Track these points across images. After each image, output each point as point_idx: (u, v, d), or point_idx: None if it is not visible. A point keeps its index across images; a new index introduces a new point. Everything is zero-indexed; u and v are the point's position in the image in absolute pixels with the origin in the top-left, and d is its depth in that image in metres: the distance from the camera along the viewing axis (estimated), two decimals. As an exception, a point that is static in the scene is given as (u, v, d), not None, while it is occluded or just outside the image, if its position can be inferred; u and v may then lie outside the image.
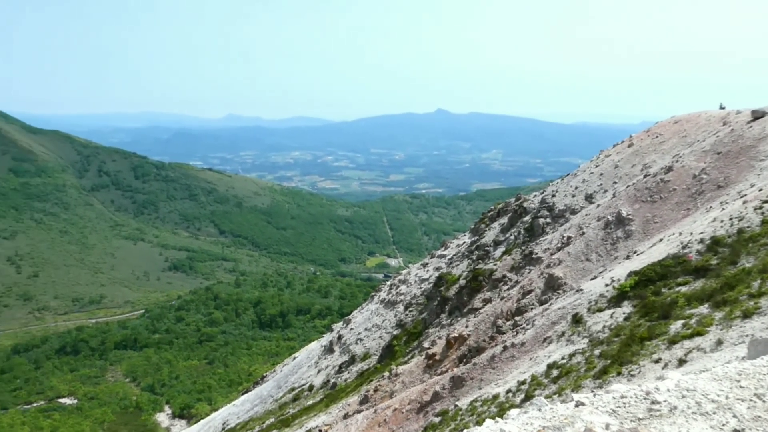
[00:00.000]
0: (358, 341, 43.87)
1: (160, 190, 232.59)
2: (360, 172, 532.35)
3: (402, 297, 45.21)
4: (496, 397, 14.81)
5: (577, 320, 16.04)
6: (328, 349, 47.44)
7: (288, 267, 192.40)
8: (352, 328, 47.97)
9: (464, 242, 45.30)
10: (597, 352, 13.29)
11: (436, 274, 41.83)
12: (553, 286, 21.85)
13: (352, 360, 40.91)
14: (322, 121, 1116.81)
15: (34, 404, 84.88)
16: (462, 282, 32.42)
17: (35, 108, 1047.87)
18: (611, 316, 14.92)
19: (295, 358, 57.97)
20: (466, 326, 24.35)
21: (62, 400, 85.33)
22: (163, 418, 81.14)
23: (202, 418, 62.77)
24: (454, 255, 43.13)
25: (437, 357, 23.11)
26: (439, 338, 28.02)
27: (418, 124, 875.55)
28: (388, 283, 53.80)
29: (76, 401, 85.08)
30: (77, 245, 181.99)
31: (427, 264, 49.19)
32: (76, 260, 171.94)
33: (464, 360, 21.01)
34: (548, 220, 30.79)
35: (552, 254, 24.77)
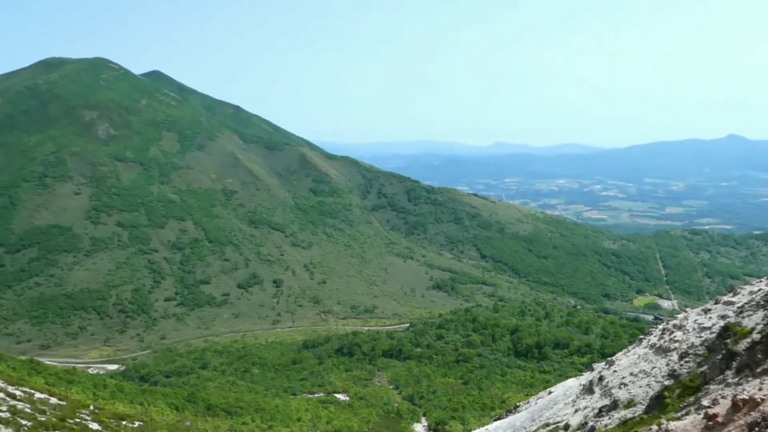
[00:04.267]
0: (622, 386, 40.85)
1: (429, 213, 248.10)
2: (631, 202, 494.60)
3: (676, 345, 40.80)
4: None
5: None
6: (588, 389, 45.08)
7: (547, 297, 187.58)
8: (615, 371, 44.88)
9: (760, 289, 39.04)
10: None
11: (721, 323, 36.83)
12: None
13: (614, 405, 38.27)
14: (591, 148, 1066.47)
15: (316, 395, 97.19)
16: (756, 336, 28.10)
17: (332, 137, 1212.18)
18: None
19: (550, 392, 56.24)
20: (760, 389, 21.16)
21: (338, 395, 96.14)
22: (419, 428, 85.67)
23: (456, 436, 64.74)
24: (746, 303, 37.43)
25: (719, 419, 20.55)
26: (723, 398, 24.74)
27: (704, 152, 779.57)
28: (660, 326, 48.97)
29: (348, 398, 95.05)
30: (357, 258, 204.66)
31: (709, 310, 43.59)
32: (356, 272, 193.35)
33: (755, 429, 18.36)
34: None
35: None
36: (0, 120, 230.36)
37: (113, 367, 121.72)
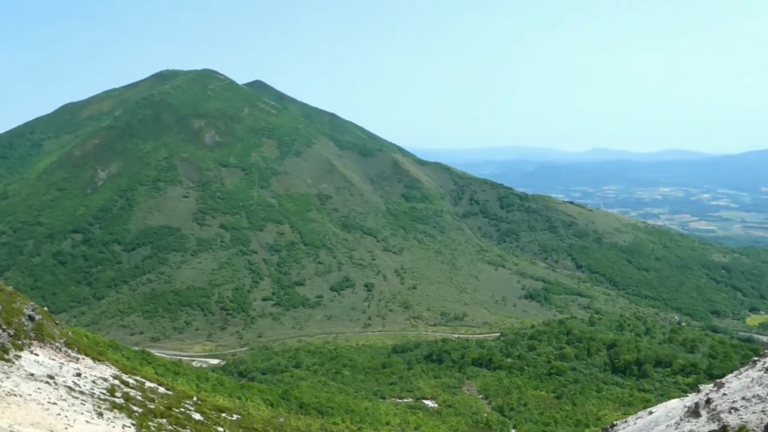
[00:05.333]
0: (733, 410, 38.06)
1: (522, 220, 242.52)
2: (744, 213, 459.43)
3: (796, 369, 37.55)
4: None
5: None
6: (693, 412, 42.38)
7: (648, 312, 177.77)
8: (725, 394, 41.88)
9: None
10: None
11: None
12: None
13: (724, 431, 35.83)
14: (699, 154, 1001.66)
15: (404, 400, 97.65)
16: None
17: (425, 143, 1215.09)
18: None
19: (651, 412, 53.32)
20: None
21: (426, 402, 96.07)
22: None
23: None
24: None
25: (844, 453, 18.82)
26: None
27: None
28: (777, 349, 45.27)
29: (436, 405, 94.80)
30: (448, 265, 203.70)
31: (836, 334, 39.83)
32: (446, 279, 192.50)
33: None
34: None
35: None
36: (120, 128, 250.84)
37: (214, 361, 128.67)
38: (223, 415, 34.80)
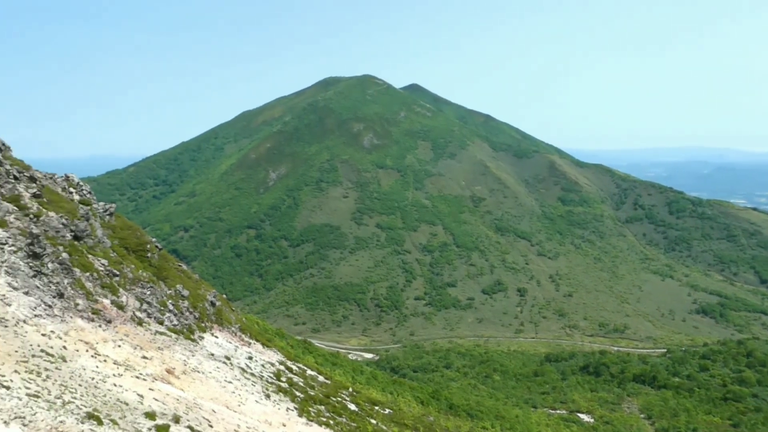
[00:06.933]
0: None
1: (694, 228, 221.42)
2: None
3: None
4: None
5: None
6: None
7: None
8: None
9: None
10: None
11: None
12: None
13: None
14: None
15: (557, 411, 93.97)
16: None
17: (583, 144, 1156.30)
18: None
19: None
20: None
21: (580, 415, 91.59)
22: (674, 467, 77.17)
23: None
24: None
25: None
26: None
27: None
28: None
29: (592, 420, 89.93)
30: (608, 273, 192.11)
31: None
32: (606, 287, 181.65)
33: None
34: None
35: None
36: (288, 133, 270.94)
37: (369, 355, 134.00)
38: (376, 408, 36.29)
